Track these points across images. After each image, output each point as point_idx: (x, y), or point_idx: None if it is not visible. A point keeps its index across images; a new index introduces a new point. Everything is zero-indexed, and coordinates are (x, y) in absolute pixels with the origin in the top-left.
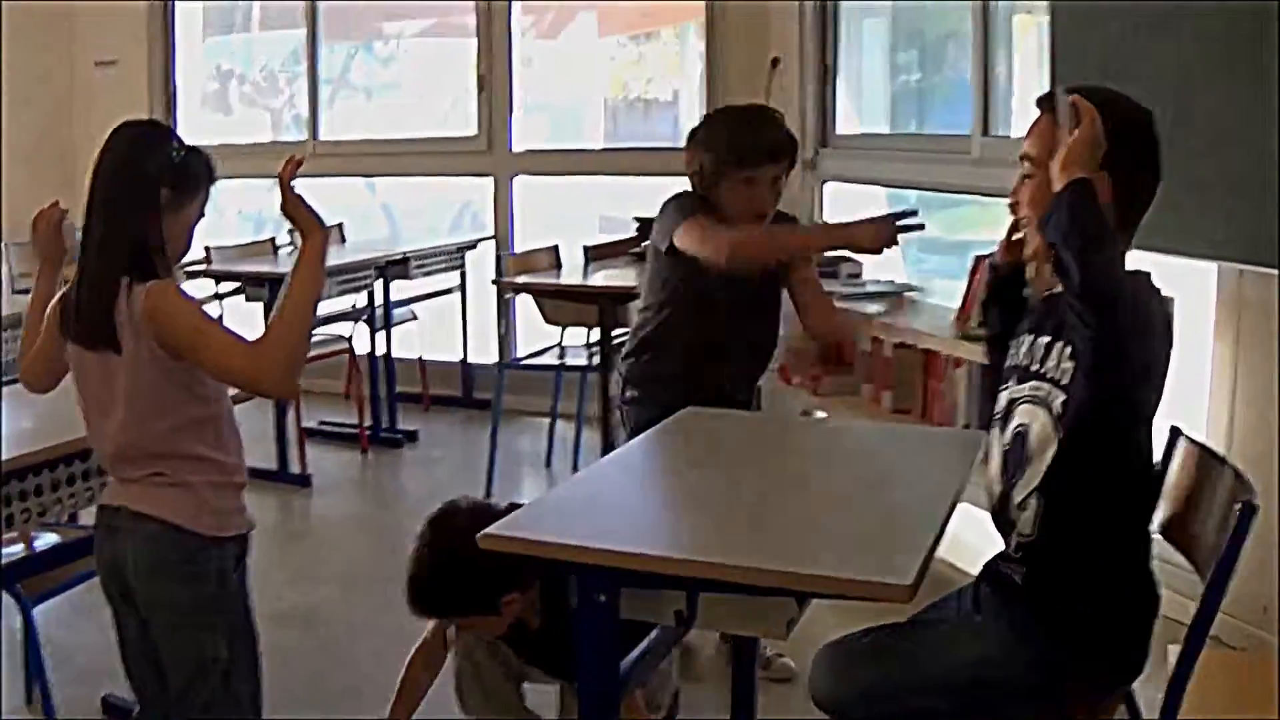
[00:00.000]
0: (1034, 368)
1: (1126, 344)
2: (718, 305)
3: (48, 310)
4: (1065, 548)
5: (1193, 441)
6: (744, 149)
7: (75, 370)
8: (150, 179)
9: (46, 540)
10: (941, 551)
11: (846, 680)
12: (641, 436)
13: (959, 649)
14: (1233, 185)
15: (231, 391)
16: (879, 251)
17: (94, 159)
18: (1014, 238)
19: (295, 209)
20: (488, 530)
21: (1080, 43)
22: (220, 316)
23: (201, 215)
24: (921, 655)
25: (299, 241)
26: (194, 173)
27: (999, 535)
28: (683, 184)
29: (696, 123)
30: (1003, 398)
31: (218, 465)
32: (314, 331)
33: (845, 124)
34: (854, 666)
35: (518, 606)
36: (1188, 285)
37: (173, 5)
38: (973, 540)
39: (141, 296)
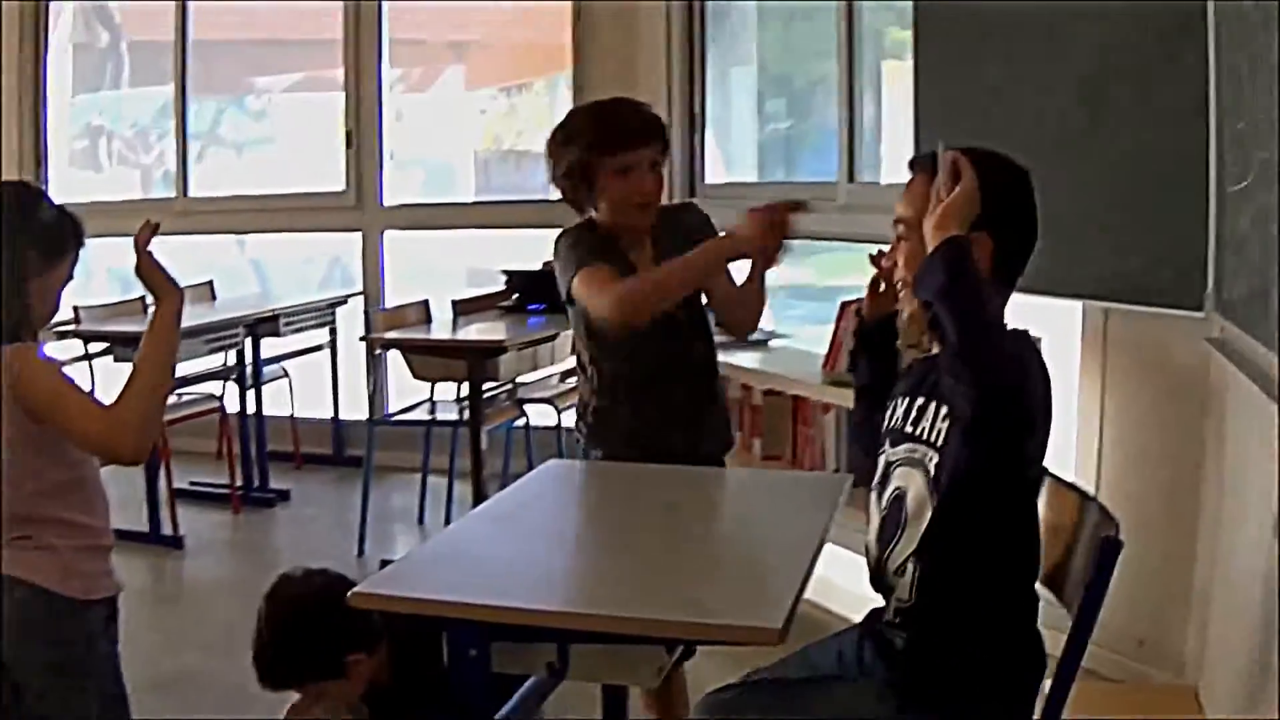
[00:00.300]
0: (909, 430)
1: (1006, 401)
2: (644, 339)
3: None
4: (945, 612)
5: (1059, 480)
6: (612, 132)
7: None
8: (16, 242)
9: None
10: (812, 594)
11: None
12: (510, 488)
13: (845, 712)
14: (1097, 225)
15: None
16: (773, 249)
17: None
18: (881, 289)
19: (150, 273)
20: (357, 589)
21: (944, 90)
22: (92, 377)
23: (70, 278)
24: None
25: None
26: (63, 235)
27: (880, 596)
28: (549, 239)
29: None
30: (880, 461)
31: (83, 529)
32: (184, 391)
33: (713, 173)
34: None
35: (366, 668)
36: (1054, 325)
37: (44, 62)
38: (841, 582)
39: (4, 358)
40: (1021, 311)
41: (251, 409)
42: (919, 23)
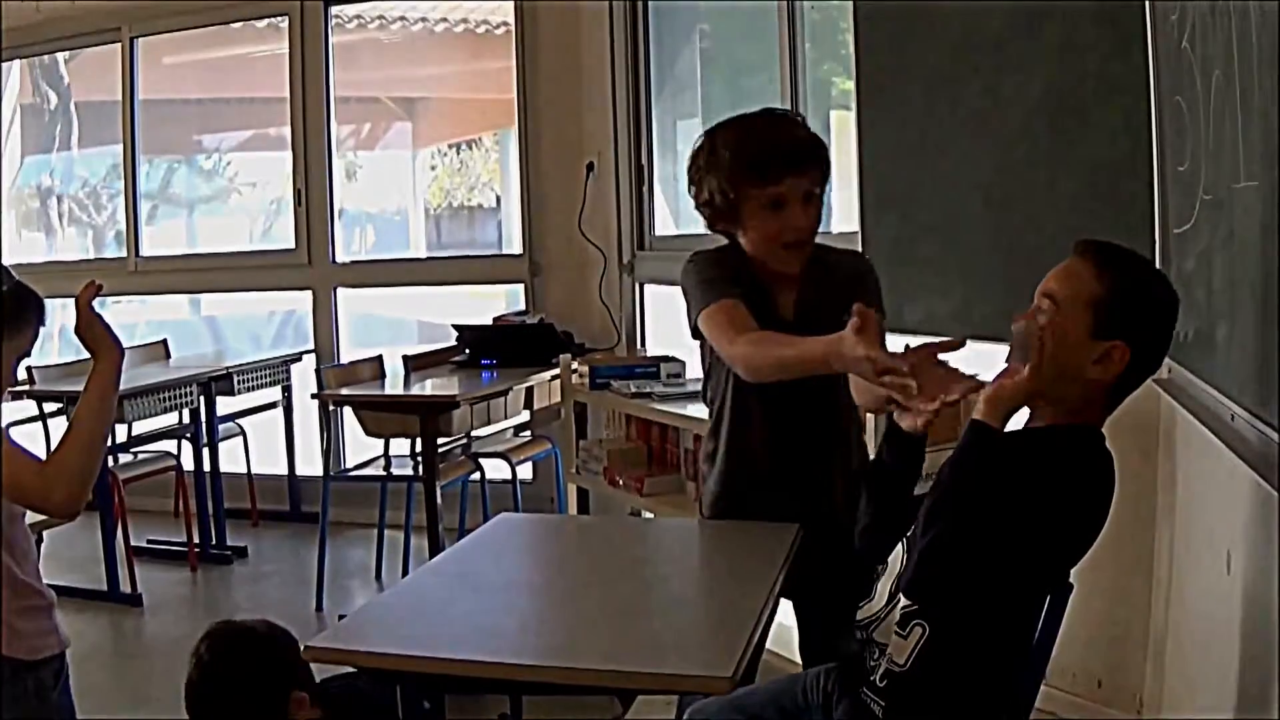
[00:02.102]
0: None
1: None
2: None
3: None
4: (938, 689)
5: None
6: (759, 159)
7: None
8: None
9: None
10: (773, 644)
11: None
12: (463, 541)
13: None
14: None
15: (34, 518)
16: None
17: None
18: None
19: (90, 329)
20: (312, 642)
21: (887, 139)
22: (47, 437)
23: (27, 354)
24: None
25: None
26: (16, 311)
27: (861, 652)
28: (500, 294)
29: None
30: (924, 508)
31: (26, 589)
32: (140, 450)
33: (662, 226)
34: None
35: (308, 711)
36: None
37: None
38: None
39: None
40: (970, 359)
41: (207, 466)
42: (860, 73)
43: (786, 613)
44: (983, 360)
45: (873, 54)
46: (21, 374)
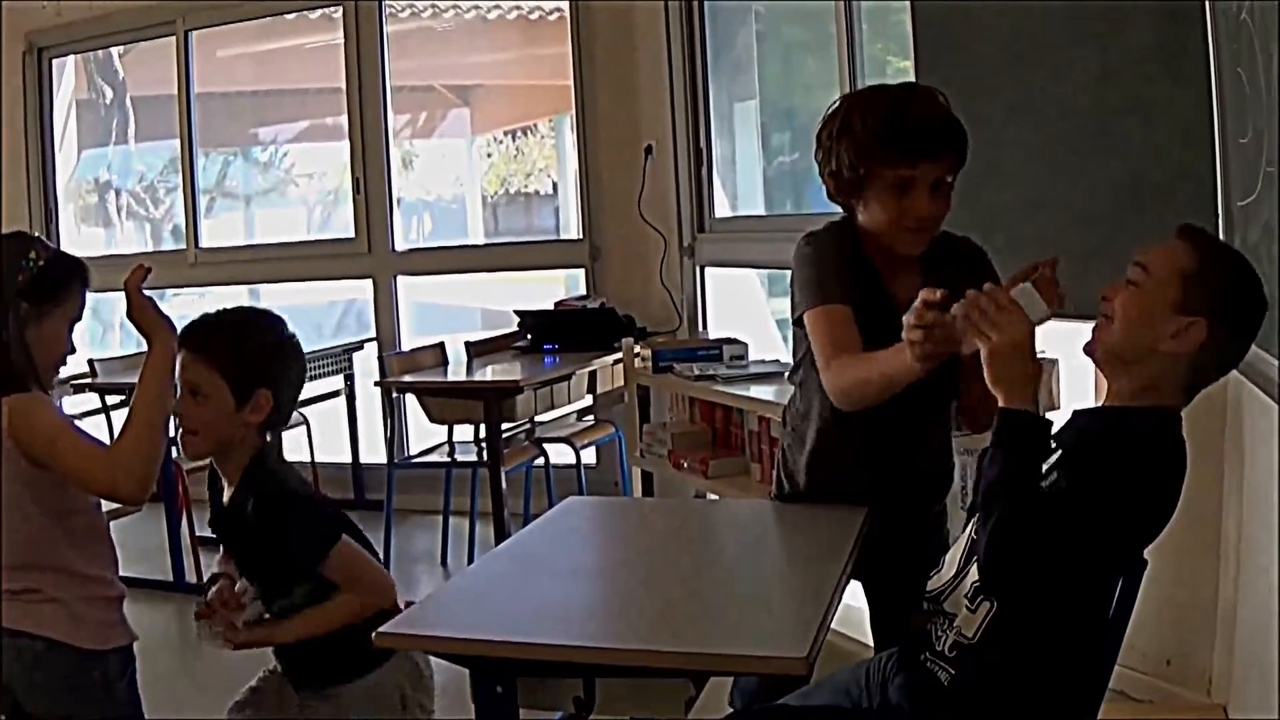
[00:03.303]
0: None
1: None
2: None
3: None
4: (1006, 661)
5: None
6: (893, 138)
7: None
8: (5, 296)
9: None
10: (840, 624)
11: None
12: (530, 526)
13: None
14: (1105, 248)
15: (109, 506)
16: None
17: None
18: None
19: (141, 313)
20: (382, 629)
21: None
22: (110, 430)
23: (78, 317)
24: None
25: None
26: (57, 279)
27: (928, 623)
28: (559, 279)
29: (575, 215)
30: (981, 489)
31: (90, 579)
32: None
33: (721, 208)
34: None
35: (261, 414)
36: (1069, 347)
37: (49, 119)
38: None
39: (5, 409)
40: (1043, 338)
41: None
42: (919, 52)
43: (854, 594)
44: (1057, 337)
45: (930, 33)
46: (83, 366)
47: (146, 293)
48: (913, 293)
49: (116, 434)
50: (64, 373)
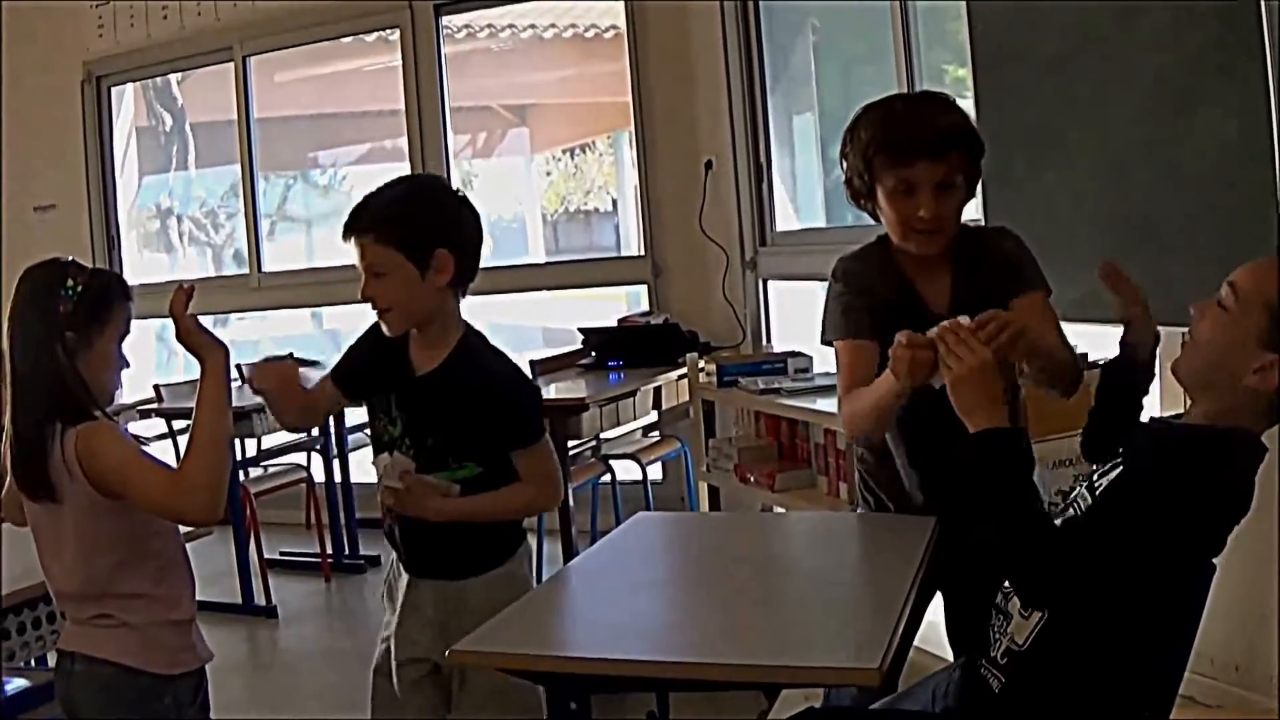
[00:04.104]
0: (1096, 479)
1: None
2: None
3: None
4: (1055, 672)
5: None
6: (893, 140)
7: (27, 512)
8: (47, 328)
9: (17, 684)
10: (929, 644)
11: None
12: (601, 542)
13: None
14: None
15: (186, 529)
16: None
17: None
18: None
19: (189, 335)
20: (455, 647)
21: (1006, 122)
22: (177, 454)
23: (126, 333)
24: None
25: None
26: (99, 301)
27: (993, 628)
28: (621, 297)
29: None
30: (1071, 488)
31: (163, 602)
32: (271, 463)
33: (783, 222)
34: None
35: (447, 273)
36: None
37: (110, 147)
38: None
39: (73, 440)
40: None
41: (338, 477)
42: (976, 58)
43: (936, 611)
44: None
45: (987, 41)
46: (149, 391)
47: (200, 317)
48: (942, 295)
49: (181, 457)
50: (130, 399)
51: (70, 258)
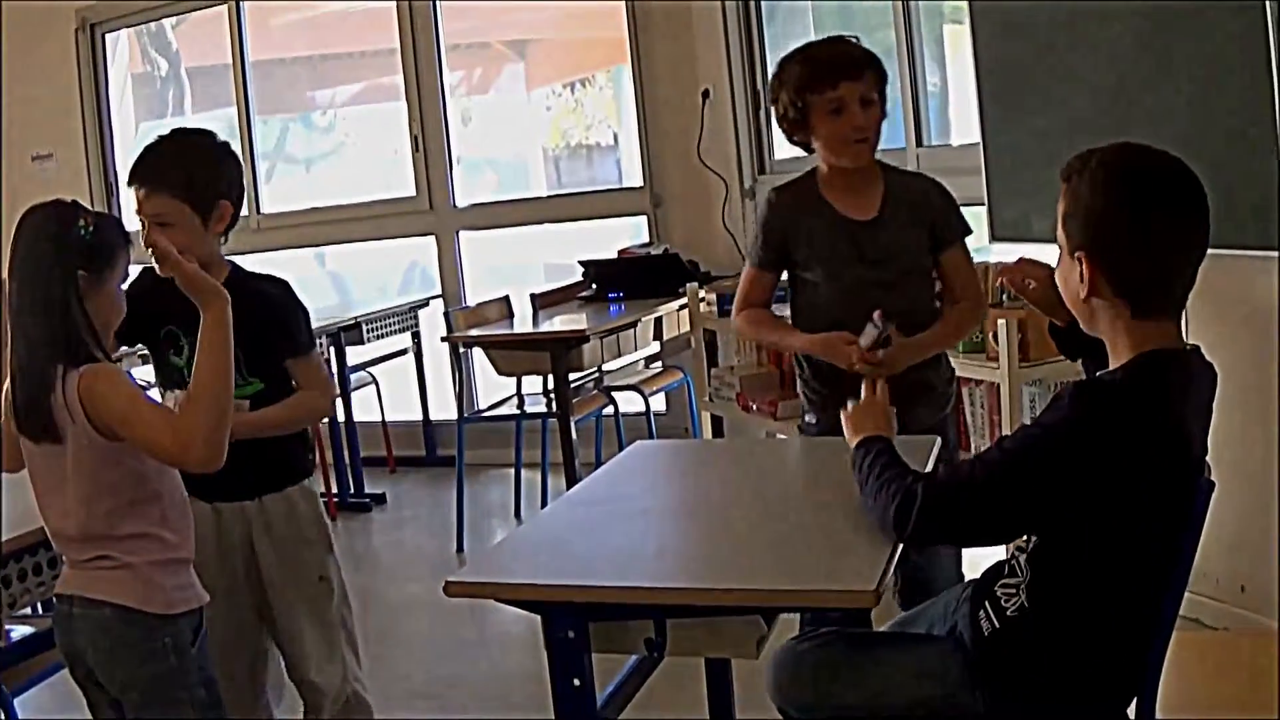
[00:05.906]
0: None
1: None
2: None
3: (2, 396)
4: (1041, 627)
5: None
6: (819, 70)
7: (26, 456)
8: (61, 267)
9: (20, 631)
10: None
11: (799, 689)
12: (599, 471)
13: (908, 676)
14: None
15: None
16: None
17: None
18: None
19: (191, 281)
20: (452, 578)
21: (1003, 50)
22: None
23: (126, 275)
24: (873, 673)
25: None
26: (106, 245)
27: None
28: (622, 229)
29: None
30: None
31: (161, 542)
32: None
33: (782, 149)
34: (808, 677)
35: (225, 222)
36: None
37: (106, 94)
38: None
39: (75, 381)
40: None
41: (341, 416)
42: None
43: None
44: None
45: None
46: None
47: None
48: (867, 214)
49: (181, 403)
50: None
51: (72, 199)
